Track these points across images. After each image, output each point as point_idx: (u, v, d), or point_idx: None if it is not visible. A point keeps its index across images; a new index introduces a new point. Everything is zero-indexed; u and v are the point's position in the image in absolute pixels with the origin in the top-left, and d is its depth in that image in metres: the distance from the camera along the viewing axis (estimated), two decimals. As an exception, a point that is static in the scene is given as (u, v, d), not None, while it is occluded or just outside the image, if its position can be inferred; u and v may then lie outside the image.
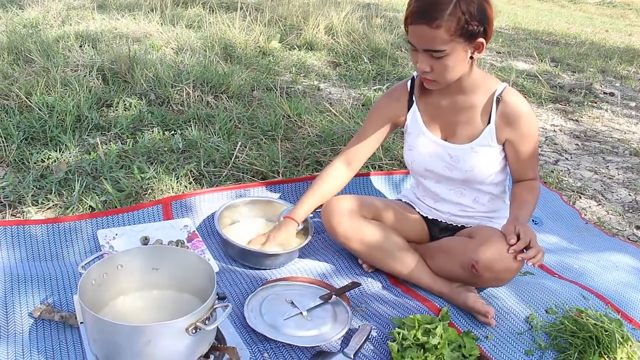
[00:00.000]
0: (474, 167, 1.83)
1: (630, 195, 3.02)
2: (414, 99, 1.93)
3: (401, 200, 2.16)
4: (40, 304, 1.64)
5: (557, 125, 4.00)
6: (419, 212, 2.07)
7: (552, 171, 3.18)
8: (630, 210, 2.84)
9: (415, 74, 1.93)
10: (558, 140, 3.72)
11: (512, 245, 1.62)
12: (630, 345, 1.64)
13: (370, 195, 2.50)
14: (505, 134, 1.80)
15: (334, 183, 2.05)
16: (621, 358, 1.60)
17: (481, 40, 1.64)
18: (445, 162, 1.87)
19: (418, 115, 1.91)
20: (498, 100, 1.78)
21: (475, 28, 1.59)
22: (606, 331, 1.64)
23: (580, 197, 2.93)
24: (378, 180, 2.58)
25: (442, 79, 1.70)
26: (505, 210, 1.94)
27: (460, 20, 1.56)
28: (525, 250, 1.62)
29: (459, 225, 2.01)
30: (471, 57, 1.68)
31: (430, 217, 2.04)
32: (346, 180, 2.08)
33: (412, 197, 2.12)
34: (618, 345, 1.61)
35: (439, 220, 2.03)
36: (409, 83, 1.94)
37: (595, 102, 4.67)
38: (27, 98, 3.04)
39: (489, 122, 1.80)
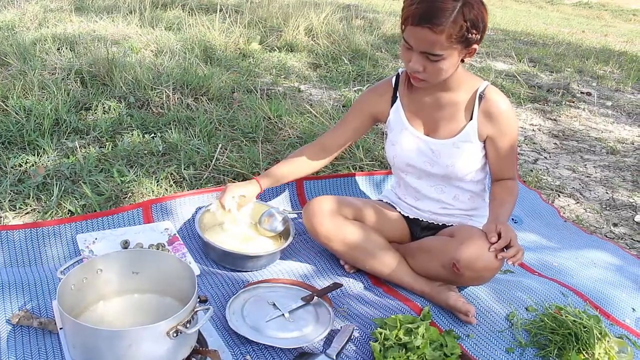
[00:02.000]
0: (455, 162, 1.85)
1: (607, 193, 3.06)
2: (397, 95, 1.95)
3: (382, 200, 2.17)
4: (19, 310, 1.62)
5: (535, 125, 4.05)
6: (400, 212, 2.08)
7: (531, 170, 3.21)
8: (608, 208, 2.89)
9: (400, 70, 1.95)
10: (537, 140, 3.76)
11: (493, 244, 1.63)
12: (608, 341, 1.66)
13: (352, 195, 2.50)
14: (486, 130, 1.82)
15: (305, 162, 2.09)
16: (599, 354, 1.62)
17: (475, 46, 1.67)
18: (427, 157, 1.89)
19: (401, 111, 1.93)
20: (481, 97, 1.81)
21: (474, 36, 1.62)
22: (585, 327, 1.66)
23: (559, 196, 2.97)
24: (359, 181, 2.59)
25: (433, 80, 1.72)
26: (485, 209, 1.96)
27: (462, 27, 1.58)
28: (505, 249, 1.64)
29: (440, 224, 2.02)
30: (462, 60, 1.71)
31: (411, 217, 2.05)
32: (318, 163, 2.11)
33: (393, 197, 2.13)
34: (596, 341, 1.63)
35: (420, 219, 2.04)
36: (393, 80, 1.97)
37: (573, 102, 4.73)
38: (3, 102, 3.00)
39: (471, 119, 1.82)
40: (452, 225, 1.99)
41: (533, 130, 3.93)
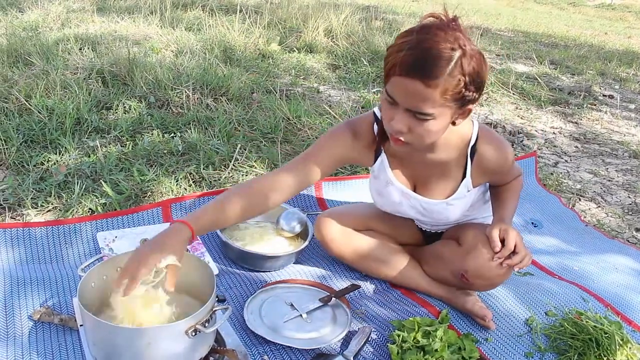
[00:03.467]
0: (450, 217, 1.76)
1: (629, 197, 3.02)
2: (381, 147, 1.70)
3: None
4: (40, 306, 1.64)
5: (556, 128, 4.01)
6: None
7: (551, 173, 3.18)
8: (630, 213, 2.85)
9: (378, 113, 1.65)
10: (557, 143, 3.72)
11: (497, 253, 1.59)
12: (630, 348, 1.64)
13: (362, 198, 2.48)
14: (481, 180, 1.71)
15: (242, 211, 1.51)
16: (620, 360, 1.60)
17: (471, 106, 1.43)
18: (417, 211, 1.78)
19: (386, 165, 1.72)
20: (473, 153, 1.63)
21: (471, 94, 1.37)
22: (606, 333, 1.64)
23: (579, 200, 2.93)
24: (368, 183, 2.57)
25: (417, 144, 1.46)
26: (486, 209, 1.89)
27: (460, 83, 1.33)
28: (511, 256, 1.59)
29: (445, 231, 1.98)
30: (453, 123, 1.46)
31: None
32: (261, 209, 1.57)
33: None
34: (618, 347, 1.61)
35: (423, 229, 2.01)
36: (375, 126, 1.67)
37: (595, 105, 4.68)
38: (26, 101, 3.04)
39: (464, 176, 1.68)
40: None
41: (554, 134, 3.89)
